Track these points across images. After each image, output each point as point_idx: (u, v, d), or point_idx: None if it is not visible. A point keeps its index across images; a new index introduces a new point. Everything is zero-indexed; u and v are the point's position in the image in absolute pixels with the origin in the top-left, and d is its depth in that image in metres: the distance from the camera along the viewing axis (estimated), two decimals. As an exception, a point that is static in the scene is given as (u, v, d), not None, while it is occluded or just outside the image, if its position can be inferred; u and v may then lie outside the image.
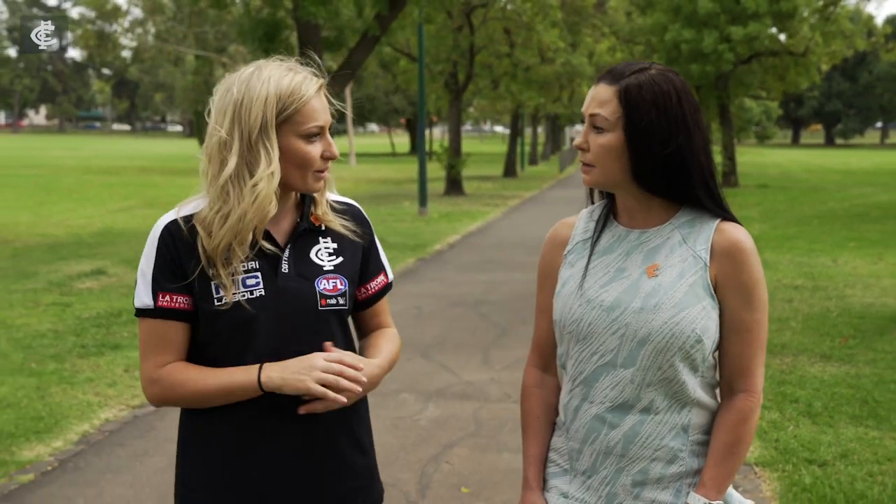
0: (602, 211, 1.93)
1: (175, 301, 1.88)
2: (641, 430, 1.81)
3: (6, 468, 4.62)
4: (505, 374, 6.50)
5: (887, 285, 10.08)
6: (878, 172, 34.82)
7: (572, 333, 1.86)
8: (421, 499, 4.30)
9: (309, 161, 1.89)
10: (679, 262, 1.81)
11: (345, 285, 1.96)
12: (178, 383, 1.88)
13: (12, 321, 8.06)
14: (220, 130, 1.86)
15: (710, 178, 1.83)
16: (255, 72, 1.89)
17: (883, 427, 5.21)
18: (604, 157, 1.80)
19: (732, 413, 1.81)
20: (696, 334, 1.76)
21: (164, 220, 1.91)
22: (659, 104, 1.77)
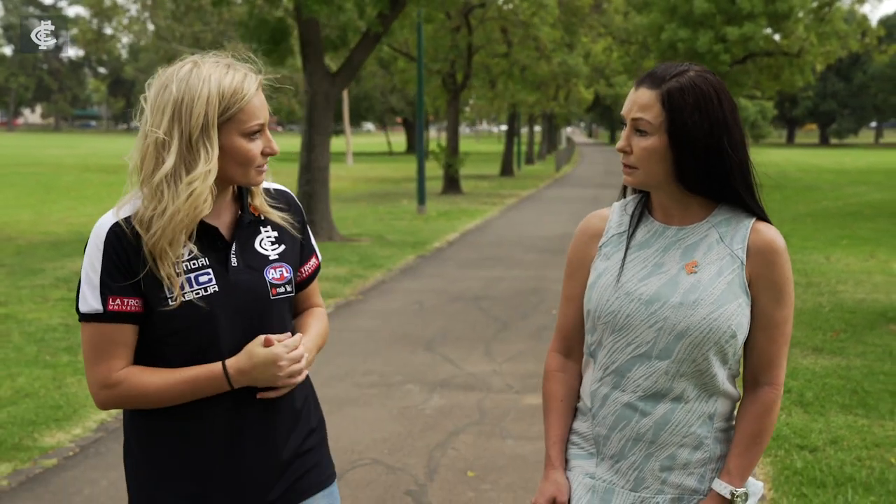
0: (637, 205, 1.98)
1: (126, 304, 1.85)
2: (672, 418, 1.88)
3: (30, 453, 4.80)
4: (507, 366, 6.69)
5: (878, 281, 10.29)
6: (871, 172, 35.07)
7: (608, 324, 1.91)
8: (429, 482, 4.49)
9: (251, 159, 1.90)
10: (717, 260, 1.87)
11: (290, 272, 2.00)
12: (140, 386, 1.86)
13: (23, 316, 8.23)
14: (157, 131, 1.83)
15: (749, 177, 1.89)
16: (193, 69, 1.86)
17: (871, 415, 5.41)
18: (647, 159, 1.85)
19: (758, 404, 1.89)
20: (731, 330, 1.84)
21: (107, 221, 1.88)
22: (701, 106, 1.82)
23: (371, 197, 22.84)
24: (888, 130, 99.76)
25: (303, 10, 12.48)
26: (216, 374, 1.87)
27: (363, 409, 5.63)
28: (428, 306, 9.02)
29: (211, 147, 1.84)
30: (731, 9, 26.66)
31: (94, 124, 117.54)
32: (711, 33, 26.69)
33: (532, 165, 45.54)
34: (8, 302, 8.86)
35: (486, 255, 12.76)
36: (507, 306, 8.97)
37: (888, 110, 73.36)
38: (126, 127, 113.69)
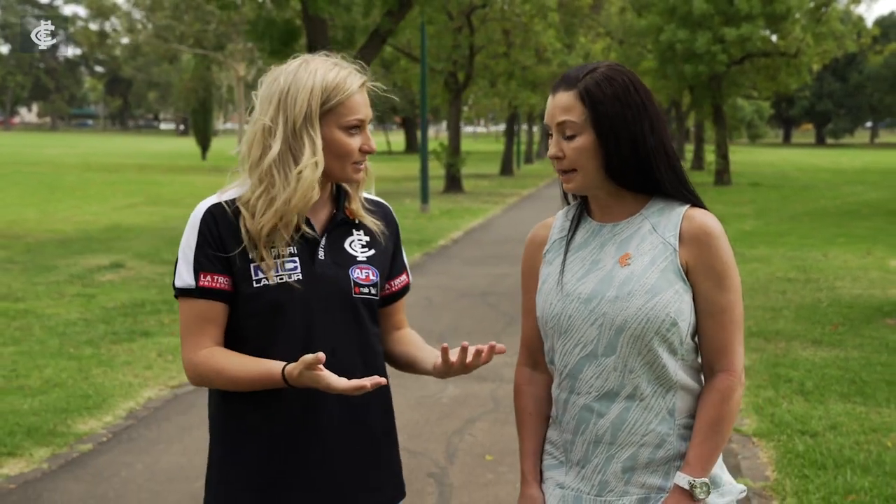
0: (576, 209, 2.01)
1: (216, 281, 1.92)
2: (628, 417, 1.86)
3: (66, 439, 5.02)
4: (517, 358, 6.90)
5: (874, 277, 10.53)
6: (867, 171, 35.35)
7: (554, 328, 1.92)
8: (450, 465, 4.72)
9: (348, 153, 1.95)
10: (650, 250, 1.87)
11: (376, 276, 2.03)
12: (215, 369, 1.92)
13: (42, 311, 8.44)
14: (264, 118, 1.92)
15: (675, 163, 1.91)
16: (302, 64, 1.95)
17: (869, 403, 5.64)
18: (580, 159, 1.86)
19: (713, 392, 1.86)
20: (670, 318, 1.82)
21: (206, 202, 1.97)
22: (619, 96, 1.85)
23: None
24: (884, 130, 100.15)
25: (310, 8, 12.68)
26: (276, 373, 1.89)
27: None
28: (436, 302, 9.24)
29: (315, 136, 1.91)
30: (729, 10, 26.93)
31: (90, 123, 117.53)
32: (710, 34, 26.95)
33: (531, 165, 45.81)
34: (26, 297, 9.07)
35: (491, 253, 12.99)
36: (513, 302, 9.20)
37: (883, 110, 73.70)
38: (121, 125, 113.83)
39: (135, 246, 13.19)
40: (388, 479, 2.09)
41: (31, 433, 5.03)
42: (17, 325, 7.78)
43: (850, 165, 41.04)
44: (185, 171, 34.00)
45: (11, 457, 4.72)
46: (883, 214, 18.54)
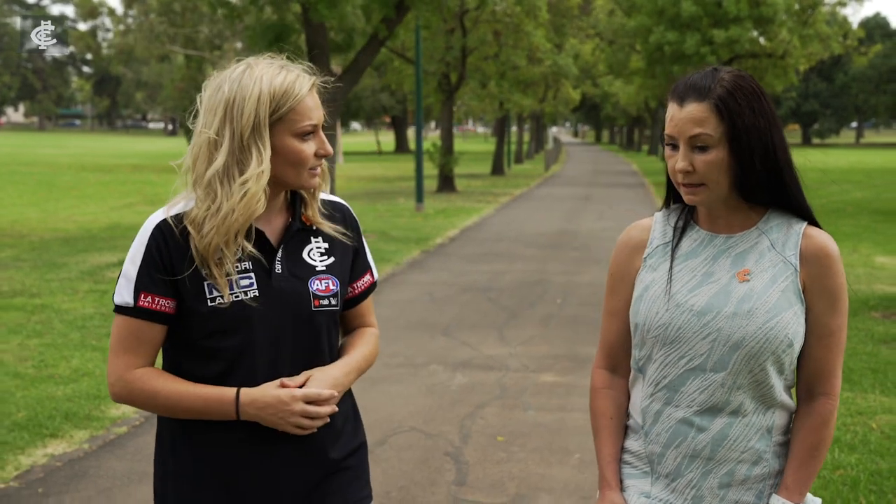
0: (680, 215, 1.94)
1: (156, 303, 1.85)
2: (730, 433, 1.83)
3: (101, 422, 5.32)
4: (521, 349, 7.24)
5: (861, 273, 10.92)
6: (853, 171, 35.83)
7: (658, 338, 1.86)
8: (464, 445, 5.04)
9: (303, 159, 1.88)
10: (770, 268, 1.82)
11: (336, 286, 1.96)
12: (150, 391, 1.85)
13: (58, 306, 8.71)
14: (208, 131, 1.84)
15: (795, 178, 1.86)
16: (246, 70, 1.86)
17: (855, 389, 5.99)
18: (713, 173, 1.79)
19: (814, 416, 1.83)
20: (788, 339, 1.78)
21: (154, 218, 1.89)
22: (754, 107, 1.78)
23: (367, 195, 23.34)
24: (869, 130, 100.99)
25: (311, 15, 12.98)
26: (227, 399, 1.84)
27: (395, 386, 6.17)
28: (439, 297, 9.55)
29: (263, 147, 1.83)
30: (717, 12, 27.34)
31: (78, 123, 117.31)
32: (698, 36, 27.35)
33: (521, 165, 46.15)
34: (41, 293, 9.33)
35: (488, 251, 13.31)
36: (513, 297, 9.52)
37: (868, 111, 74.37)
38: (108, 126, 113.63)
39: (139, 244, 13.43)
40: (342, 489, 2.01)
41: (68, 417, 5.33)
42: (36, 319, 8.06)
43: (836, 165, 41.54)
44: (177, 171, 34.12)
45: (53, 438, 5.03)
46: (869, 213, 18.96)
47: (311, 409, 1.83)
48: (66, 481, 4.45)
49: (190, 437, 1.91)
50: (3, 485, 4.40)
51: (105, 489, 4.35)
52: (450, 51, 25.56)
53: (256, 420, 1.84)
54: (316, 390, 1.85)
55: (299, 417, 1.83)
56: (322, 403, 1.85)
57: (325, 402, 1.86)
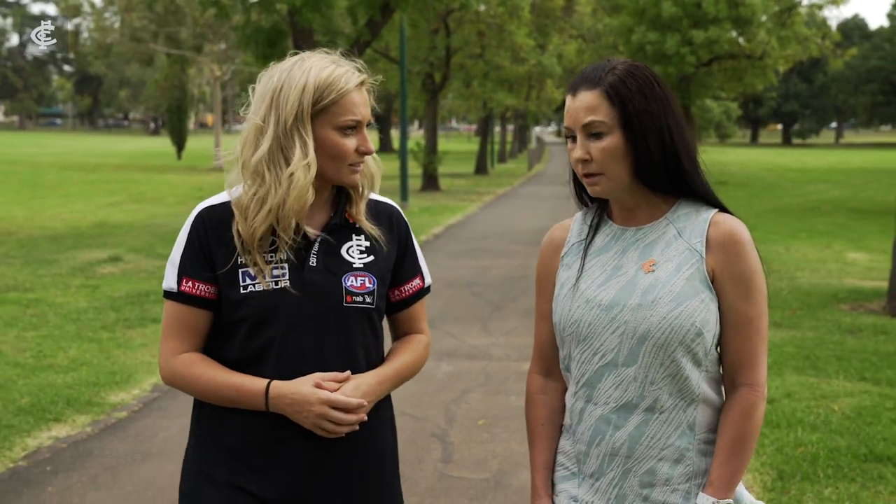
0: (595, 212, 1.92)
1: (197, 288, 1.89)
2: (647, 430, 1.79)
3: (102, 408, 5.55)
4: (503, 339, 7.51)
5: (832, 269, 11.27)
6: (831, 171, 36.39)
7: (573, 335, 1.84)
8: (450, 427, 5.31)
9: (343, 154, 1.88)
10: (675, 256, 1.79)
11: (374, 284, 1.94)
12: (190, 377, 1.90)
13: (52, 300, 8.91)
14: (256, 117, 1.87)
15: (696, 164, 1.84)
16: (298, 62, 1.89)
17: (820, 375, 6.30)
18: (609, 161, 1.77)
19: (736, 409, 1.78)
20: (695, 327, 1.74)
21: (201, 206, 1.94)
22: (645, 91, 1.77)
23: (352, 194, 23.52)
24: (848, 131, 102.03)
25: (297, 19, 13.23)
26: (258, 390, 1.86)
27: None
28: (424, 291, 9.81)
29: (307, 136, 1.84)
30: (697, 13, 27.73)
31: (59, 122, 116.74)
32: (679, 36, 27.73)
33: (505, 164, 46.48)
34: (34, 288, 9.53)
35: (472, 247, 13.59)
36: (497, 291, 9.80)
37: (847, 111, 75.23)
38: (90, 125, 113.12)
39: (127, 241, 13.63)
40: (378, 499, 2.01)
41: (70, 403, 5.56)
42: (31, 312, 8.26)
43: (815, 165, 42.13)
44: (161, 170, 34.26)
45: (57, 422, 5.26)
46: (844, 211, 19.38)
47: (333, 415, 1.83)
48: (72, 461, 4.69)
49: (220, 423, 1.93)
50: (12, 464, 4.63)
51: (110, 467, 4.60)
52: (434, 51, 25.83)
53: (283, 413, 1.85)
54: (344, 398, 1.84)
55: (322, 420, 1.83)
56: (350, 411, 1.85)
57: (354, 410, 1.85)
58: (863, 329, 7.71)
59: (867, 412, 5.44)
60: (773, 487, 4.36)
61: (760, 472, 4.57)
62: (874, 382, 6.13)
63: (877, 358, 6.72)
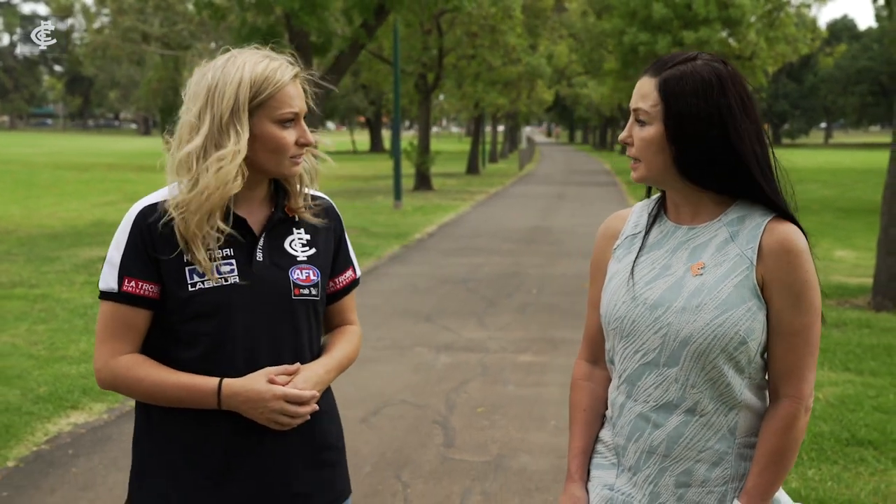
0: (655, 205, 1.91)
1: (140, 288, 1.87)
2: (686, 431, 1.77)
3: (116, 397, 5.73)
4: (499, 333, 7.75)
5: (819, 266, 11.18)
6: (820, 171, 36.73)
7: (616, 330, 1.84)
8: (450, 414, 5.53)
9: (283, 146, 1.89)
10: (725, 261, 1.76)
11: (317, 276, 1.98)
12: (134, 379, 1.87)
13: (58, 296, 9.11)
14: (189, 115, 1.87)
15: (764, 170, 1.77)
16: (230, 58, 1.89)
17: (806, 365, 6.55)
18: (646, 150, 1.77)
19: (777, 419, 1.75)
20: (739, 336, 1.72)
21: (139, 205, 1.91)
22: (699, 93, 1.73)
23: (345, 193, 23.77)
24: (837, 131, 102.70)
25: (294, 22, 13.44)
26: (209, 388, 1.85)
27: (384, 366, 6.65)
28: (421, 287, 10.05)
29: (241, 129, 1.85)
30: (687, 14, 28.04)
31: (49, 122, 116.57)
32: (670, 37, 28.03)
33: (496, 164, 46.73)
34: (39, 284, 9.72)
35: (466, 245, 13.82)
36: (491, 287, 10.04)
37: (837, 111, 75.80)
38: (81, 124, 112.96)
39: (126, 239, 13.80)
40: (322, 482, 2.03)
41: (85, 392, 5.77)
42: (39, 307, 8.46)
43: (805, 165, 42.46)
44: (154, 169, 33.78)
45: (74, 409, 5.47)
46: (832, 211, 19.68)
47: (289, 409, 1.86)
48: (92, 445, 4.91)
49: (171, 424, 1.91)
50: (35, 448, 4.85)
51: (128, 451, 4.75)
52: (426, 51, 26.07)
53: (237, 411, 1.86)
54: (297, 391, 1.87)
55: (277, 415, 1.86)
56: (303, 403, 1.88)
57: (306, 402, 1.88)
58: (848, 323, 7.97)
59: (850, 400, 5.69)
60: (759, 468, 4.60)
61: (747, 455, 4.82)
62: (857, 373, 6.39)
63: (860, 350, 6.98)
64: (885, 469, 4.57)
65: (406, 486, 4.41)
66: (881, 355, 6.81)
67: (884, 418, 5.31)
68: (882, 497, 4.23)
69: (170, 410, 1.90)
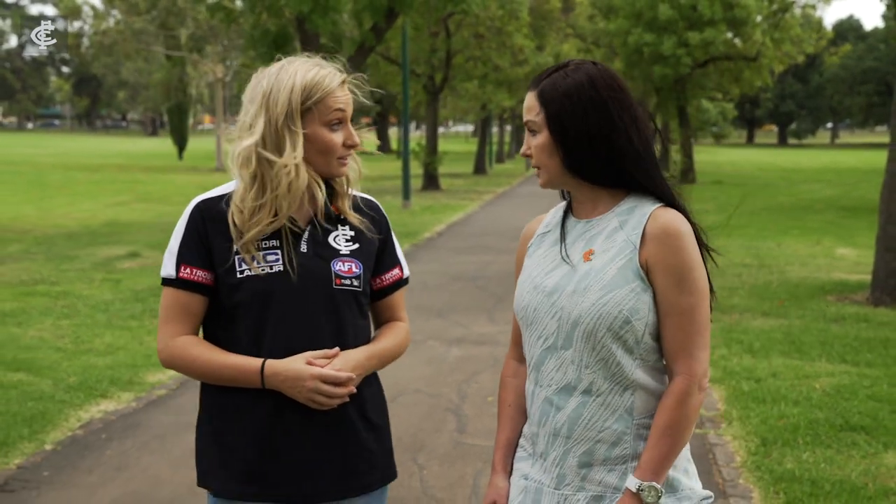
0: (565, 206, 2.04)
1: (194, 274, 2.02)
2: (584, 412, 1.86)
3: (143, 386, 6.04)
4: (508, 327, 7.93)
5: (821, 263, 11.78)
6: (825, 171, 36.92)
7: (523, 319, 1.96)
8: (462, 403, 5.79)
9: (331, 148, 2.03)
10: (612, 247, 1.87)
11: (359, 269, 2.09)
12: (189, 358, 2.03)
13: (79, 292, 9.39)
14: (247, 119, 2.02)
15: (645, 161, 1.88)
16: (283, 66, 2.04)
17: (804, 358, 6.80)
18: (541, 156, 1.91)
19: (669, 396, 1.84)
20: (623, 315, 1.81)
21: (198, 199, 2.08)
22: (571, 94, 1.86)
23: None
24: (843, 131, 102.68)
25: (306, 24, 13.71)
26: (253, 368, 1.99)
27: (399, 358, 6.89)
28: (431, 285, 10.30)
29: (297, 133, 1.99)
30: (693, 15, 28.27)
31: (57, 123, 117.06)
32: (675, 38, 28.26)
33: (503, 164, 46.99)
34: (60, 282, 10.00)
35: (475, 244, 14.08)
36: (500, 284, 10.29)
37: (843, 112, 75.78)
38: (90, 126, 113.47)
39: (141, 238, 14.10)
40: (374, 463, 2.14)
41: (113, 382, 6.04)
42: (62, 303, 8.74)
43: (810, 165, 42.66)
44: (164, 170, 34.77)
45: (104, 398, 5.75)
46: (835, 210, 19.89)
47: (325, 388, 1.98)
48: (123, 430, 5.18)
49: (226, 402, 2.05)
50: (70, 433, 5.13)
51: (158, 435, 5.08)
52: (434, 53, 26.33)
53: (279, 390, 1.99)
54: (333, 372, 1.99)
55: (314, 394, 1.98)
56: (340, 384, 1.99)
57: (343, 383, 2.00)
58: (846, 318, 8.20)
59: (845, 389, 5.93)
60: (757, 452, 4.86)
61: (745, 440, 5.06)
62: (853, 364, 6.62)
63: (857, 343, 7.22)
64: (876, 452, 4.81)
65: (422, 468, 4.67)
66: (877, 348, 7.05)
67: (877, 406, 5.55)
68: (872, 477, 4.47)
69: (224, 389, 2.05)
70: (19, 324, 7.80)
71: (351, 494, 2.11)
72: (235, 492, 2.07)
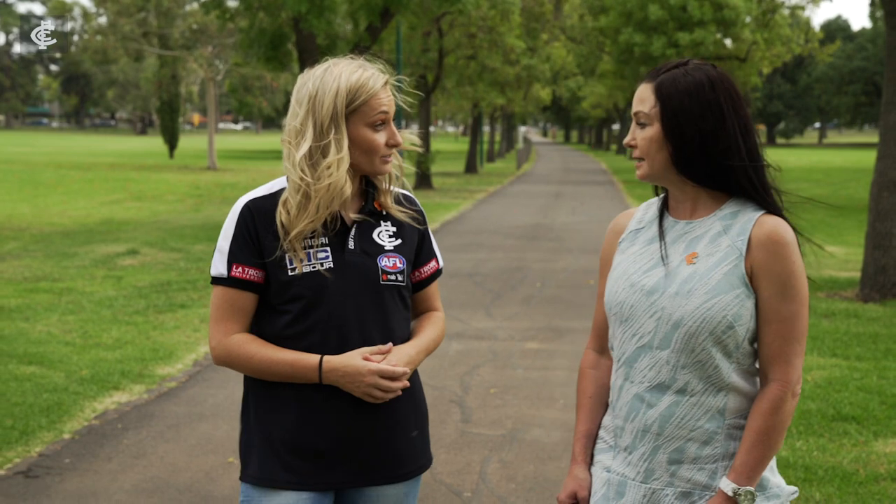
0: (658, 203, 2.05)
1: (246, 273, 2.08)
2: (677, 411, 1.89)
3: (153, 379, 6.18)
4: (506, 323, 8.17)
5: (811, 261, 11.41)
6: (813, 170, 37.23)
7: (616, 315, 1.98)
8: (465, 395, 5.96)
9: (375, 147, 2.09)
10: (717, 252, 1.88)
11: (403, 264, 2.17)
12: (246, 355, 2.08)
13: (82, 289, 9.51)
14: (295, 121, 2.08)
15: (753, 167, 1.91)
16: (328, 68, 2.09)
17: (796, 351, 6.98)
18: (648, 149, 1.92)
19: (764, 402, 1.86)
20: (727, 320, 1.84)
21: (246, 197, 2.13)
22: (691, 92, 1.88)
23: (347, 192, 24.12)
24: (831, 131, 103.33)
25: (302, 25, 13.85)
26: (311, 365, 2.06)
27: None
28: (428, 281, 10.46)
29: (341, 134, 2.06)
30: (682, 16, 28.47)
31: (45, 122, 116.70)
32: (665, 39, 28.47)
33: (493, 163, 47.16)
34: (62, 279, 10.12)
35: (469, 242, 14.24)
36: (496, 280, 10.47)
37: (831, 111, 76.29)
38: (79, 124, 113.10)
39: (139, 236, 14.20)
40: (413, 452, 2.22)
41: (124, 374, 6.18)
42: (67, 300, 8.86)
43: (798, 164, 42.95)
44: (155, 169, 34.77)
45: (117, 390, 5.89)
46: (823, 209, 20.12)
47: (383, 383, 2.05)
48: (138, 420, 5.32)
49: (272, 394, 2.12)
50: (86, 423, 5.27)
51: (172, 425, 5.23)
52: (427, 53, 26.49)
53: (336, 385, 2.07)
54: (391, 367, 2.06)
55: (372, 388, 2.05)
56: (395, 379, 2.07)
57: (398, 378, 2.08)
58: (836, 313, 8.41)
59: (836, 382, 6.12)
60: (752, 440, 5.03)
61: (741, 429, 5.24)
62: (844, 358, 6.82)
63: (848, 338, 7.42)
64: (866, 441, 5.01)
65: (430, 456, 4.83)
66: (866, 342, 7.25)
67: (867, 397, 5.75)
68: (862, 464, 4.66)
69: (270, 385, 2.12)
70: (26, 319, 7.92)
71: (395, 480, 2.19)
72: (281, 480, 2.12)
